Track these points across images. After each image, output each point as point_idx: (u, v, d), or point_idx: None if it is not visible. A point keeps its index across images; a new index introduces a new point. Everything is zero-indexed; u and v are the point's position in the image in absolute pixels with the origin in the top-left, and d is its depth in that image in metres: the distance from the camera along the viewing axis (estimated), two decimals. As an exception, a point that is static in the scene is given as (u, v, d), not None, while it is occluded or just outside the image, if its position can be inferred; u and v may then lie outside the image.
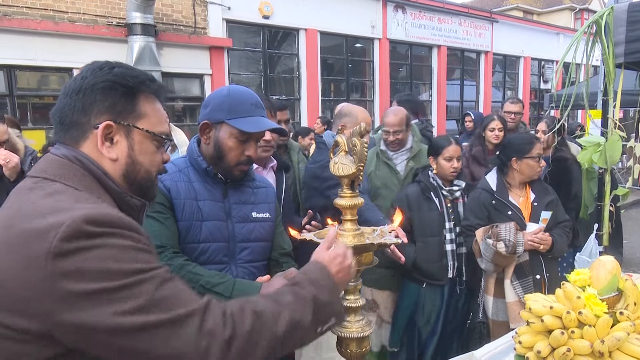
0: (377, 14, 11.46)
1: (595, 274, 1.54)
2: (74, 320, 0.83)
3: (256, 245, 1.74)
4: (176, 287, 0.93)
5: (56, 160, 1.03)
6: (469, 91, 14.34)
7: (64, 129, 1.06)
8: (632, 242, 6.86)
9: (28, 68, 7.42)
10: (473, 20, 13.65)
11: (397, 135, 3.16)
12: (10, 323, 0.85)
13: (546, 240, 2.68)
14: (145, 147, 1.10)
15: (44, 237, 0.83)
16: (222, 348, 0.91)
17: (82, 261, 0.84)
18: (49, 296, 0.82)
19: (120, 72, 1.07)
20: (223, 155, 1.65)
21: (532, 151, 2.81)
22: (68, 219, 0.85)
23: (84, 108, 1.04)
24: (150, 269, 0.90)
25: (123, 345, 0.86)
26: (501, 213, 2.77)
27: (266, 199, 1.83)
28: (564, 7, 23.41)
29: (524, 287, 2.66)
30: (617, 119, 3.24)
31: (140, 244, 0.92)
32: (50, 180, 0.98)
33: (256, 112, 1.67)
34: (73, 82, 1.07)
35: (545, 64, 16.60)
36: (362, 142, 1.45)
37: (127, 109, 1.06)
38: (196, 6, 8.72)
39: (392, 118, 3.18)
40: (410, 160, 3.24)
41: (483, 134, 3.96)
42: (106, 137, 1.04)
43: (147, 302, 0.86)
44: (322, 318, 1.11)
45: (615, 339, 1.38)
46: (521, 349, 1.56)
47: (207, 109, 1.69)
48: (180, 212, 1.63)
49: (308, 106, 10.46)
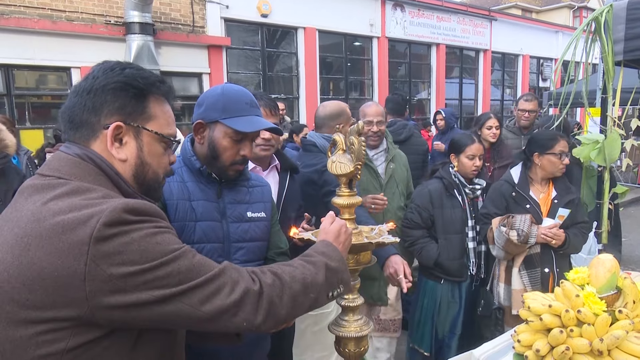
0: (376, 13, 11.45)
1: (594, 272, 1.54)
2: (117, 302, 0.88)
3: (252, 245, 1.72)
4: (202, 258, 1.02)
5: (69, 159, 1.03)
6: (468, 89, 14.34)
7: (74, 127, 1.07)
8: (630, 240, 6.86)
9: (26, 67, 7.40)
10: (472, 18, 13.63)
11: (380, 126, 3.09)
12: (52, 315, 0.88)
13: (559, 236, 2.71)
14: (154, 148, 1.12)
15: (86, 224, 0.88)
16: (253, 299, 1.02)
17: (124, 244, 0.89)
18: (93, 279, 0.86)
19: (131, 73, 1.09)
20: (218, 155, 1.63)
21: (554, 147, 2.81)
22: (109, 207, 0.90)
23: (95, 108, 1.05)
24: (180, 247, 0.98)
25: (168, 312, 0.94)
26: (519, 205, 2.83)
27: (262, 198, 1.81)
28: (563, 5, 23.41)
29: (531, 277, 2.74)
30: (617, 116, 3.24)
31: (168, 228, 1.01)
32: (65, 179, 0.99)
33: (251, 111, 1.65)
34: (84, 81, 1.08)
35: (544, 62, 16.59)
36: (359, 141, 1.45)
37: (137, 110, 1.08)
38: (194, 5, 8.71)
39: (374, 107, 3.12)
40: (390, 162, 3.15)
41: (479, 132, 3.95)
42: (115, 138, 1.06)
43: (184, 274, 0.95)
44: (333, 283, 1.19)
45: (614, 338, 1.38)
46: (520, 348, 1.55)
47: (201, 108, 1.67)
48: (173, 213, 1.61)
49: (307, 105, 10.45)
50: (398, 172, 3.19)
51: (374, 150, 3.16)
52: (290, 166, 2.35)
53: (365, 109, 3.14)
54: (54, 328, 0.88)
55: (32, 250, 0.87)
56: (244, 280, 1.03)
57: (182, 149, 1.77)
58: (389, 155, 3.16)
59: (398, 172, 3.18)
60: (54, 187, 0.97)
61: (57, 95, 7.87)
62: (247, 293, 1.01)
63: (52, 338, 0.88)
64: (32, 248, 0.88)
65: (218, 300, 0.98)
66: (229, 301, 0.99)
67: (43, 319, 0.87)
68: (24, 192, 0.99)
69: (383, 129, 3.12)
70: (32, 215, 0.91)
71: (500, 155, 3.95)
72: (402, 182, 3.19)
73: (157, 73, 7.53)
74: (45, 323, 0.87)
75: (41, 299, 0.87)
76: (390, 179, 3.12)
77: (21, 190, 1.00)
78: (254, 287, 1.03)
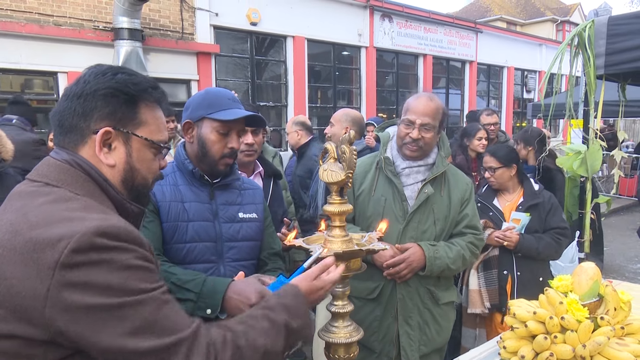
0: (364, 23, 11.57)
1: (577, 280, 1.58)
2: (74, 331, 0.85)
3: (243, 244, 1.77)
4: (172, 310, 0.95)
5: (58, 165, 1.02)
6: (454, 100, 14.52)
7: (63, 132, 1.06)
8: (612, 249, 6.99)
9: (12, 71, 7.30)
10: (458, 30, 13.85)
11: (425, 133, 2.11)
12: (19, 332, 0.86)
13: (510, 238, 2.81)
14: (143, 154, 1.10)
15: (54, 247, 0.84)
16: None
17: (90, 275, 0.85)
18: (53, 306, 0.83)
19: (123, 79, 1.07)
20: (207, 149, 1.70)
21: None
22: (80, 230, 0.86)
23: (85, 113, 1.04)
24: (152, 289, 0.92)
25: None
26: (483, 213, 2.96)
27: (253, 200, 1.87)
28: (546, 18, 23.88)
29: (486, 278, 2.90)
30: (598, 128, 3.33)
31: (146, 262, 0.94)
32: (53, 186, 0.98)
33: (233, 105, 1.73)
34: (75, 85, 1.06)
35: (528, 74, 16.91)
36: (351, 149, 1.48)
37: (128, 116, 1.07)
38: (184, 12, 8.71)
39: (423, 102, 2.13)
40: (427, 185, 2.16)
41: (467, 144, 4.03)
42: (104, 143, 1.05)
43: (143, 324, 0.89)
44: (291, 343, 1.15)
45: (597, 344, 1.42)
46: (505, 354, 1.59)
47: (188, 110, 1.75)
48: (166, 214, 1.66)
49: (295, 113, 10.46)
50: (438, 201, 2.19)
51: (408, 162, 2.20)
52: (273, 172, 2.43)
53: (412, 102, 2.17)
54: (24, 344, 0.87)
55: (4, 263, 0.86)
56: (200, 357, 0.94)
57: (175, 154, 1.84)
58: (430, 173, 2.19)
59: (438, 202, 2.19)
60: (39, 195, 0.95)
61: (43, 100, 7.78)
62: None
63: (27, 354, 0.87)
64: (5, 261, 0.86)
65: None
66: None
67: (13, 334, 0.86)
68: (12, 198, 0.99)
69: (430, 136, 2.13)
70: (11, 226, 0.90)
71: (487, 165, 4.03)
72: (442, 218, 2.19)
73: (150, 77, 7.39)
74: (14, 339, 0.86)
75: (10, 314, 0.85)
76: (421, 209, 2.16)
77: (10, 197, 1.00)
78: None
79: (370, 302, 2.22)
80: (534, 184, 3.08)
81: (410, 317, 2.19)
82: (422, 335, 2.21)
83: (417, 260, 2.10)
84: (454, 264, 2.15)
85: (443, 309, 2.26)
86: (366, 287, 2.21)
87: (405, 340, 2.18)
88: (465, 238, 2.23)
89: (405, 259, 2.09)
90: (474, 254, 2.27)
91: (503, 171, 2.99)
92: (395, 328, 2.20)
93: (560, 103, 3.64)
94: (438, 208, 2.18)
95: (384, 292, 2.20)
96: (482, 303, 2.87)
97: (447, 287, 2.30)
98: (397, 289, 2.18)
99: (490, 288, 2.86)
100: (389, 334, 2.20)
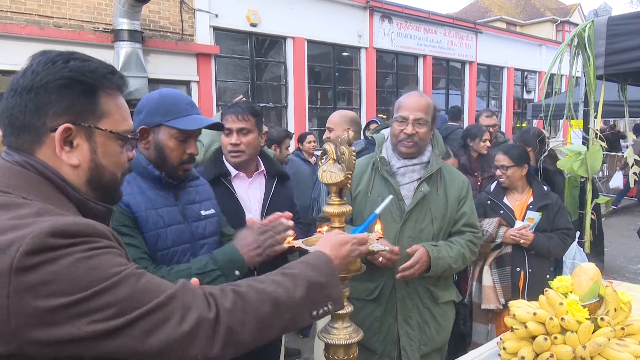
0: (364, 24, 11.57)
1: (577, 280, 1.58)
2: (47, 336, 0.78)
3: (211, 240, 1.81)
4: (150, 279, 0.88)
5: (8, 168, 0.92)
6: (454, 100, 14.51)
7: (15, 132, 0.94)
8: (612, 249, 6.99)
9: (12, 73, 7.29)
10: (458, 30, 13.85)
11: (418, 128, 2.14)
12: None
13: (527, 236, 2.91)
14: (109, 148, 1.00)
15: (5, 253, 0.77)
16: (208, 329, 0.89)
17: (51, 273, 0.78)
18: (17, 314, 0.76)
19: (76, 66, 0.95)
20: (165, 156, 1.67)
21: None
22: (32, 231, 0.78)
23: (38, 109, 0.92)
24: (122, 270, 0.85)
25: (109, 348, 0.82)
26: (494, 211, 3.10)
27: (208, 196, 1.88)
28: (546, 19, 23.90)
29: (500, 275, 2.98)
30: (598, 128, 3.33)
31: (109, 248, 0.87)
32: (1, 192, 0.88)
33: (191, 110, 1.71)
34: (22, 77, 0.94)
35: (528, 74, 16.91)
36: (350, 150, 1.48)
37: (88, 108, 0.95)
38: (183, 13, 8.72)
39: (414, 99, 2.18)
40: (423, 183, 2.17)
41: (471, 144, 4.04)
42: (65, 141, 0.94)
43: (124, 304, 0.82)
44: (317, 299, 1.06)
45: (597, 345, 1.42)
46: (506, 355, 1.58)
47: (142, 114, 1.70)
48: (145, 224, 1.63)
49: (295, 114, 10.48)
50: (435, 200, 2.19)
51: (403, 161, 2.22)
52: (277, 172, 2.35)
53: (403, 99, 2.23)
54: None
55: None
56: (198, 306, 0.90)
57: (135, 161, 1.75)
58: (425, 171, 2.20)
59: (435, 201, 2.19)
60: None
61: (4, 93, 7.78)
62: (200, 322, 0.88)
63: None
64: None
65: (165, 332, 0.85)
66: (178, 332, 0.86)
67: None
68: None
69: (424, 131, 2.15)
70: None
71: (488, 165, 4.04)
72: (439, 217, 2.19)
73: (144, 80, 7.32)
74: None
75: None
76: (418, 207, 2.16)
77: None
78: (209, 315, 0.90)
79: (370, 302, 2.22)
80: (543, 185, 3.16)
81: (410, 317, 2.19)
82: (422, 334, 2.21)
83: (426, 261, 2.10)
84: (455, 263, 2.17)
85: (442, 308, 2.27)
86: (366, 288, 2.21)
87: (406, 340, 2.18)
88: (464, 237, 2.24)
89: (417, 261, 2.08)
90: (473, 252, 2.28)
91: (515, 170, 3.07)
92: (396, 328, 2.20)
93: (561, 103, 3.64)
94: (435, 206, 2.18)
95: (384, 292, 2.20)
96: (497, 299, 2.94)
97: (446, 286, 2.30)
98: (396, 289, 2.18)
99: (505, 284, 2.95)
100: (390, 334, 2.20)
